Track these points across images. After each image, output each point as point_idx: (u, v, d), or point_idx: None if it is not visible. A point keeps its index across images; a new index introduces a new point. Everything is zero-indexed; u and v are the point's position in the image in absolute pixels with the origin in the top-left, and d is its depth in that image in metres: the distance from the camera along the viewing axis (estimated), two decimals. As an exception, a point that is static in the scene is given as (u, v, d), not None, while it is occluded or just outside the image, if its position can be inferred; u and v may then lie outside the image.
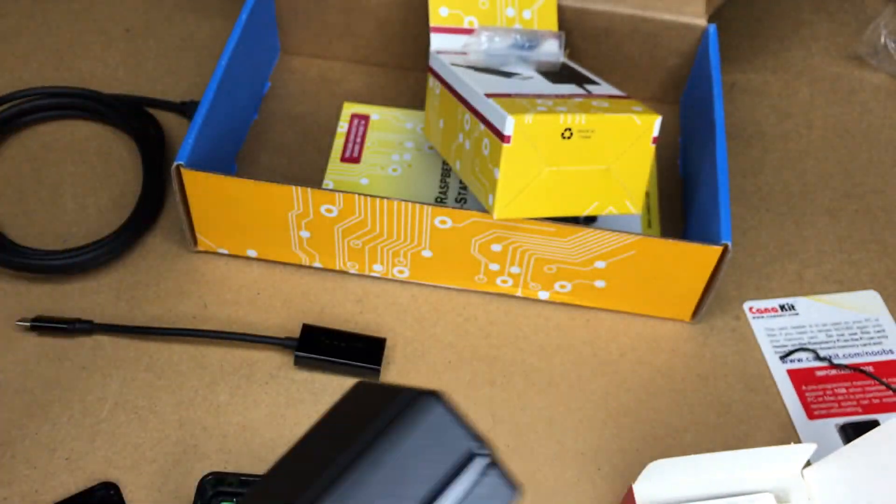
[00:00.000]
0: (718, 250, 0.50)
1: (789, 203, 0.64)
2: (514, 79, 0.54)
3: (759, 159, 0.66)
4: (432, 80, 0.58)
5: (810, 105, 0.70)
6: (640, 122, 0.49)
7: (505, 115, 0.47)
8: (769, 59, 0.73)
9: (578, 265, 0.53)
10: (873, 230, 0.62)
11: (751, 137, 0.67)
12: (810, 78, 0.72)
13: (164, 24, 0.72)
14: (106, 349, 0.53)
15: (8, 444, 0.49)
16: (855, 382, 0.54)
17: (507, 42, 0.58)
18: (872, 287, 0.59)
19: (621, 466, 0.50)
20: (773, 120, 0.69)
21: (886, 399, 0.54)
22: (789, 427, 0.52)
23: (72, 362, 0.52)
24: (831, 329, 0.57)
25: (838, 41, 0.75)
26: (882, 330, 0.57)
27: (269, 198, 0.52)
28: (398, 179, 0.61)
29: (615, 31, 0.65)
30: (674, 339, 0.56)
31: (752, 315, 0.57)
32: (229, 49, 0.57)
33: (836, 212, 0.63)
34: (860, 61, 0.73)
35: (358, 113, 0.65)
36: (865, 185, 0.65)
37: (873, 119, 0.69)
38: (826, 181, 0.65)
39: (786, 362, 0.55)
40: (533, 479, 0.49)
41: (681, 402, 0.53)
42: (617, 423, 0.52)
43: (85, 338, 0.53)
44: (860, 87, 0.72)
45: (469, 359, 0.54)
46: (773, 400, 0.53)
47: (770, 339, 0.56)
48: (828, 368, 0.55)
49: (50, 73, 0.68)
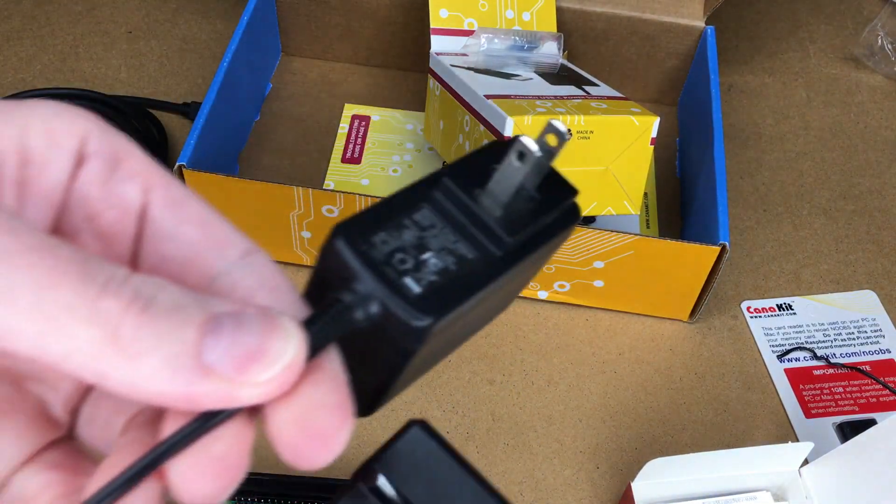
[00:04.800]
0: (716, 250, 0.51)
1: (787, 203, 0.64)
2: (514, 80, 0.54)
3: (757, 160, 0.66)
4: (432, 81, 0.59)
5: (807, 106, 0.70)
6: (638, 123, 0.49)
7: (505, 116, 0.47)
8: (767, 60, 0.74)
9: (577, 265, 0.53)
10: (870, 230, 0.63)
11: (748, 138, 0.68)
12: (807, 79, 0.72)
13: (167, 25, 0.72)
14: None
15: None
16: (852, 381, 0.55)
17: (507, 44, 0.58)
18: (869, 287, 0.59)
19: (620, 465, 0.50)
20: (770, 121, 0.69)
21: (883, 398, 0.54)
22: (787, 426, 0.53)
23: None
24: (828, 328, 0.57)
25: (835, 43, 0.75)
26: (879, 329, 0.57)
27: (271, 198, 0.52)
28: (399, 180, 0.61)
29: (614, 33, 0.65)
30: (672, 339, 0.56)
31: (750, 314, 0.58)
32: (231, 50, 0.58)
33: (834, 212, 0.64)
34: (857, 63, 0.74)
35: (359, 114, 0.66)
36: (862, 185, 0.65)
37: (870, 120, 0.70)
38: (823, 182, 0.65)
39: (783, 361, 0.56)
40: (532, 477, 0.50)
41: (679, 401, 0.53)
42: (615, 421, 0.52)
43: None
44: (857, 88, 0.72)
45: (469, 358, 0.54)
46: (771, 399, 0.54)
47: (768, 339, 0.56)
48: (825, 367, 0.55)
49: (52, 75, 0.68)
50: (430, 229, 0.22)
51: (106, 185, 0.20)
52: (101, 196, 0.20)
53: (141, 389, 0.17)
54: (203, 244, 0.20)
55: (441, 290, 0.20)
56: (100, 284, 0.17)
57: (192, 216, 0.21)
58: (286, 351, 0.17)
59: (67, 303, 0.16)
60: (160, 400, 0.17)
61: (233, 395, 0.17)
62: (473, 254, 0.22)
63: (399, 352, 0.20)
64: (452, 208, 0.22)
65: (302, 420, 0.18)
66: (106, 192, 0.20)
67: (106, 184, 0.20)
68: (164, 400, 0.17)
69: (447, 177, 0.22)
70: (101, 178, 0.20)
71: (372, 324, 0.20)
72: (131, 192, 0.20)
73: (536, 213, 0.23)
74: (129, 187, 0.20)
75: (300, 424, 0.18)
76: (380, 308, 0.20)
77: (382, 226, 0.21)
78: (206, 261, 0.20)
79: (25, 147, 0.20)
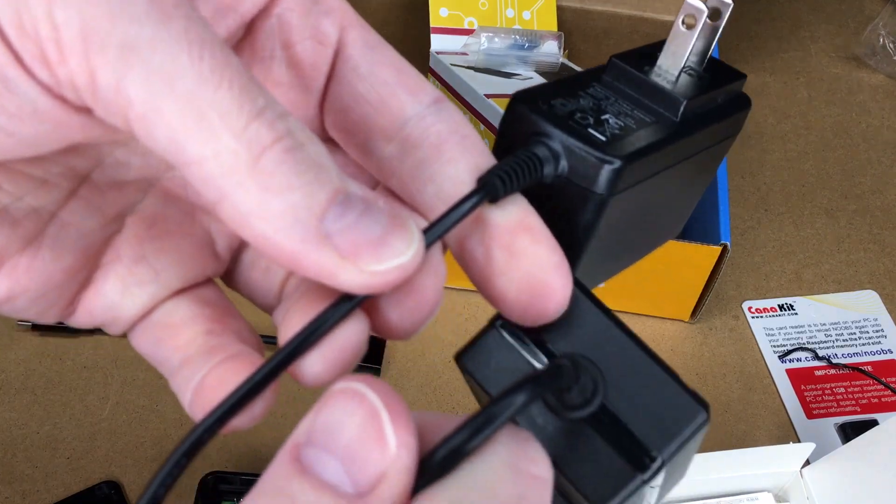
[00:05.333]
0: (717, 250, 0.50)
1: (788, 203, 0.64)
2: (514, 79, 0.54)
3: (758, 160, 0.66)
4: (432, 80, 0.58)
5: (809, 106, 0.70)
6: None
7: (505, 115, 0.47)
8: (768, 59, 0.73)
9: (578, 265, 0.53)
10: (872, 230, 0.62)
11: (750, 138, 0.68)
12: (809, 79, 0.72)
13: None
14: (107, 349, 0.53)
15: (9, 443, 0.49)
16: (854, 382, 0.55)
17: (507, 43, 0.58)
18: (871, 287, 0.59)
19: (621, 465, 0.50)
20: (771, 120, 0.69)
21: (885, 398, 0.54)
22: (788, 426, 0.52)
23: (73, 362, 0.52)
24: (830, 329, 0.57)
25: (837, 42, 0.75)
26: (881, 329, 0.57)
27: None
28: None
29: (614, 32, 0.65)
30: (673, 339, 0.56)
31: (751, 315, 0.57)
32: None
33: (835, 212, 0.63)
34: (859, 62, 0.73)
35: (358, 113, 0.65)
36: (864, 185, 0.65)
37: (872, 120, 0.70)
38: (825, 181, 0.65)
39: (785, 362, 0.55)
40: (533, 478, 0.49)
41: (680, 402, 0.53)
42: (616, 422, 0.52)
43: (86, 337, 0.53)
44: (859, 87, 0.72)
45: (469, 358, 0.54)
46: (772, 399, 0.54)
47: (769, 339, 0.56)
48: (826, 368, 0.55)
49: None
50: (605, 100, 0.22)
51: (306, 17, 0.20)
52: (301, 25, 0.20)
53: (253, 226, 0.16)
54: (397, 87, 0.20)
55: (626, 141, 0.20)
56: (258, 107, 0.16)
57: (386, 59, 0.20)
58: (404, 252, 0.17)
59: (224, 107, 0.16)
60: (265, 245, 0.16)
61: (335, 273, 0.17)
62: (650, 118, 0.22)
63: (590, 206, 0.20)
64: (624, 85, 0.22)
65: (527, 278, 0.19)
66: (305, 23, 0.20)
67: (307, 16, 0.20)
68: (268, 246, 0.17)
69: (615, 58, 0.23)
70: (302, 7, 0.20)
71: (560, 178, 0.20)
72: (329, 27, 0.20)
73: (708, 87, 0.23)
74: (327, 22, 0.20)
75: (525, 282, 0.19)
76: (567, 156, 0.20)
77: (559, 94, 0.21)
78: (399, 103, 0.20)
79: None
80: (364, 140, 0.20)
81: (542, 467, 0.17)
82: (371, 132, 0.20)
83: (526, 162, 0.20)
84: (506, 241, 0.19)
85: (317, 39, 0.20)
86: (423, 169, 0.20)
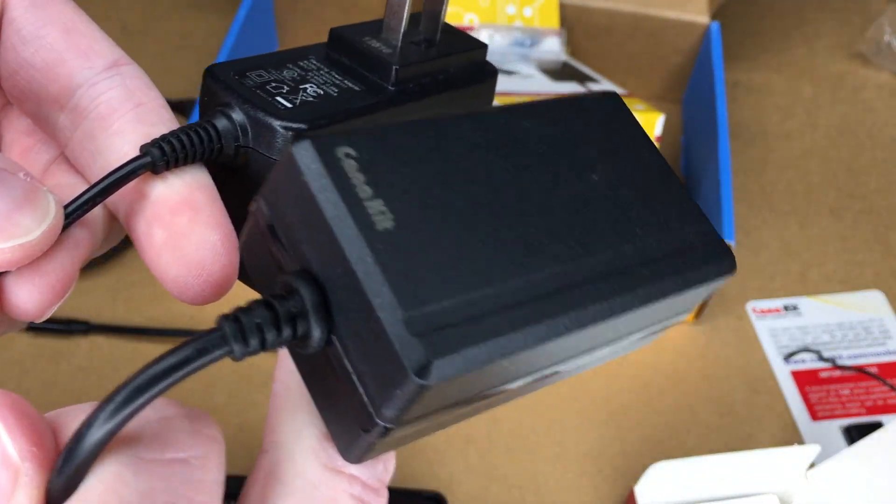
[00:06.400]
0: (721, 250, 0.50)
1: (793, 202, 0.63)
2: (515, 77, 0.54)
3: (762, 158, 0.66)
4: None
5: (813, 104, 0.70)
6: (642, 120, 0.49)
7: (505, 113, 0.46)
8: (772, 57, 0.73)
9: (580, 265, 0.53)
10: (877, 230, 0.62)
11: (754, 136, 0.67)
12: (813, 76, 0.72)
13: (162, 21, 0.71)
14: (103, 350, 0.52)
15: (3, 445, 0.48)
16: (859, 383, 0.54)
17: (508, 40, 0.57)
18: (876, 287, 0.59)
19: (623, 468, 0.50)
20: (776, 118, 0.68)
21: (891, 400, 0.53)
22: (793, 428, 0.52)
23: (68, 363, 0.52)
24: (835, 329, 0.56)
25: (841, 39, 0.75)
26: (886, 330, 0.56)
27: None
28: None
29: (617, 29, 0.64)
30: (676, 340, 0.55)
31: (756, 315, 0.57)
32: (227, 47, 0.57)
33: (840, 211, 0.63)
34: (863, 59, 0.73)
35: (357, 111, 0.65)
36: (869, 184, 0.65)
37: (877, 118, 0.69)
38: (830, 180, 0.65)
39: (789, 363, 0.55)
40: (533, 481, 0.49)
41: (683, 404, 0.52)
42: (619, 424, 0.51)
43: (81, 339, 0.53)
44: (863, 85, 0.71)
45: (469, 359, 0.53)
46: (777, 401, 0.53)
47: (773, 340, 0.56)
48: (832, 369, 0.54)
49: (47, 72, 0.67)
50: (313, 71, 0.21)
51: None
52: None
53: None
54: (66, 51, 0.19)
55: (316, 106, 0.20)
56: None
57: (54, 18, 0.19)
58: (31, 230, 0.16)
59: None
60: None
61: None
62: (361, 86, 0.21)
63: (265, 167, 0.20)
64: (342, 55, 0.22)
65: (185, 259, 0.18)
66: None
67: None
68: None
69: (335, 29, 0.22)
70: None
71: (248, 150, 0.20)
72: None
73: (436, 56, 0.22)
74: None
75: (183, 263, 0.18)
76: (252, 126, 0.19)
77: (262, 66, 0.21)
78: (69, 69, 0.19)
79: None
80: (35, 108, 0.19)
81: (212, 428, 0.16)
82: (41, 100, 0.19)
83: (198, 132, 0.19)
84: (166, 218, 0.18)
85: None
86: (91, 141, 0.18)
